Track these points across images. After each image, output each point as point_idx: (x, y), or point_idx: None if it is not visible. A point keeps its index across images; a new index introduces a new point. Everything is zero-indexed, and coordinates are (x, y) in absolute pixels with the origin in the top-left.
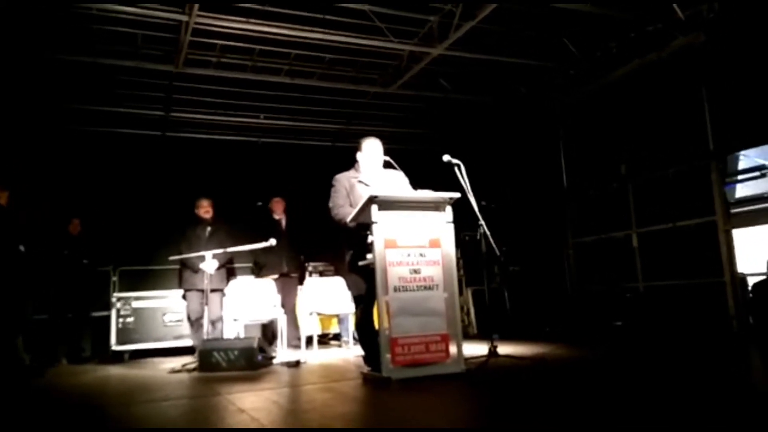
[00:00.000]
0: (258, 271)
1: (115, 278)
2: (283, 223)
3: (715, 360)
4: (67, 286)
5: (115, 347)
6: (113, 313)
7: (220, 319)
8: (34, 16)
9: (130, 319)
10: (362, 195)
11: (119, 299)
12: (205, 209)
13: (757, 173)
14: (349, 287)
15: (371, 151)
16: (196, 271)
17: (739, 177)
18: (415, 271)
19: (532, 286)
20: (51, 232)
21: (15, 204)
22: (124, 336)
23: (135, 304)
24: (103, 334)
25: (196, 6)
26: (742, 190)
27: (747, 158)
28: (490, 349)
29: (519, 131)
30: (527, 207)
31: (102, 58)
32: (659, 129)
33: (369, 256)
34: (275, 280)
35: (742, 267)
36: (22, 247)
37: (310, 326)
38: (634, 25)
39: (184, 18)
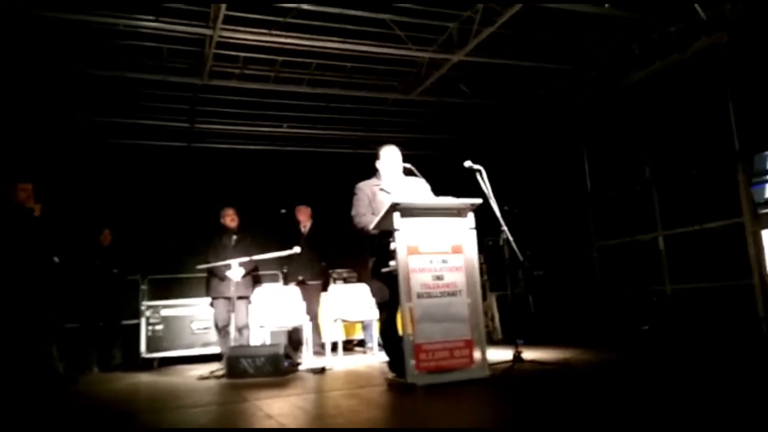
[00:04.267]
0: (285, 278)
1: (144, 287)
2: (308, 230)
3: (744, 364)
4: (98, 295)
5: (144, 355)
6: (143, 321)
7: (247, 326)
8: (64, 33)
9: (159, 327)
10: (384, 202)
11: (148, 307)
12: (230, 218)
13: None
14: (373, 294)
15: (389, 158)
16: (223, 279)
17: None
18: (438, 278)
19: (557, 291)
20: (83, 243)
21: (48, 215)
22: (153, 344)
23: (164, 312)
24: (133, 342)
25: (220, 20)
26: None
27: None
28: (514, 355)
29: (541, 135)
30: (550, 211)
31: (129, 72)
32: (683, 130)
33: (392, 263)
34: (299, 287)
35: None
36: (56, 258)
37: (334, 333)
38: (655, 26)
39: (208, 32)
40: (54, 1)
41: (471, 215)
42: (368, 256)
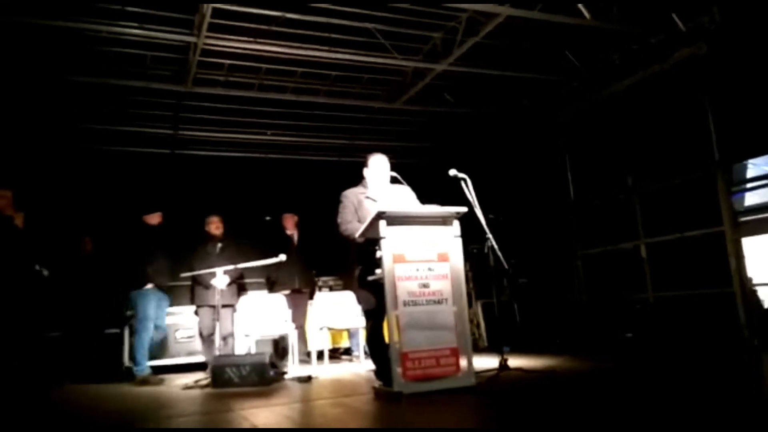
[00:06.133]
0: (270, 286)
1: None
2: (295, 238)
3: (727, 371)
4: (80, 305)
5: (128, 364)
6: (125, 330)
7: (232, 334)
8: (47, 39)
9: None
10: (370, 210)
11: (131, 316)
12: (215, 225)
13: (765, 181)
14: (359, 302)
15: (378, 167)
16: (208, 287)
17: (748, 185)
18: (424, 286)
19: (542, 299)
20: (63, 252)
21: (31, 224)
22: None
23: None
24: (116, 351)
25: (205, 27)
26: (751, 198)
27: (755, 166)
28: (500, 362)
29: (524, 144)
30: (534, 219)
31: (112, 79)
32: (664, 139)
33: (378, 270)
34: (287, 295)
35: (756, 276)
36: (46, 272)
37: (320, 341)
38: (636, 37)
39: (193, 39)
40: (36, 8)
41: (456, 223)
42: (354, 264)
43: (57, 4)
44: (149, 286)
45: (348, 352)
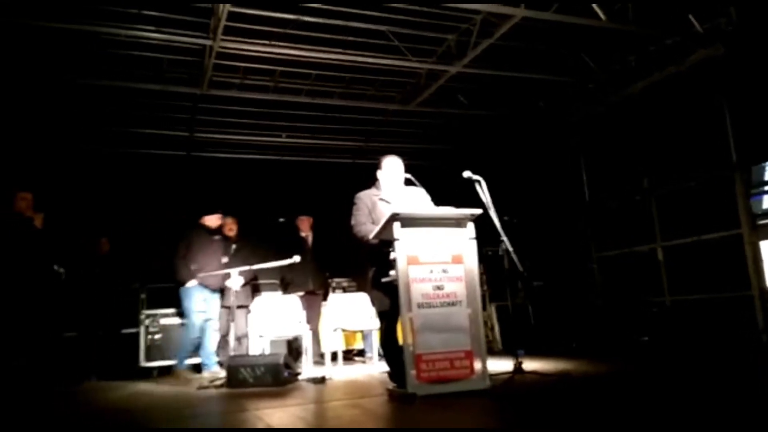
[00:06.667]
0: (284, 287)
1: (143, 296)
2: (309, 240)
3: (744, 375)
4: (96, 304)
5: (143, 363)
6: (141, 330)
7: (246, 335)
8: (66, 43)
9: (158, 336)
10: (384, 212)
11: (147, 316)
12: (228, 227)
13: None
14: (373, 303)
15: (392, 168)
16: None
17: (766, 188)
18: (438, 288)
19: (557, 301)
20: (81, 252)
21: (49, 225)
22: (152, 352)
23: (163, 321)
24: (132, 350)
25: (220, 30)
26: None
27: None
28: (515, 365)
29: (539, 146)
30: (549, 221)
31: (129, 82)
32: (681, 141)
33: (392, 272)
34: (301, 297)
35: None
36: (62, 270)
37: (334, 342)
38: (652, 38)
39: (209, 42)
40: (56, 12)
41: (471, 225)
42: (368, 265)
43: (76, 8)
44: (193, 283)
45: (361, 353)
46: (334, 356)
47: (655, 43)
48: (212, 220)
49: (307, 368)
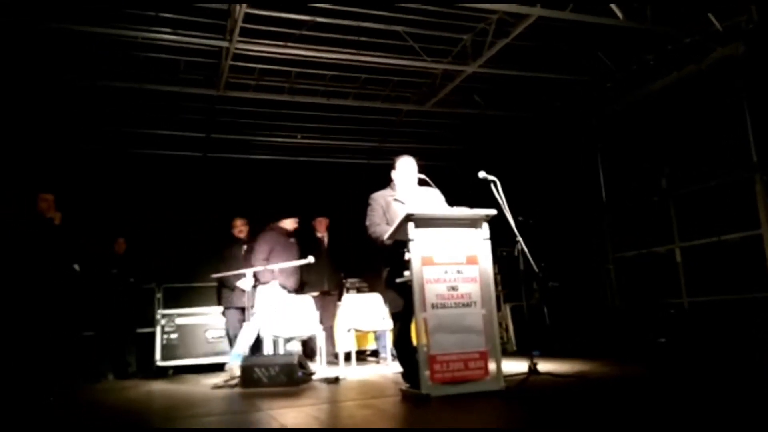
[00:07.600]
0: (299, 288)
1: (159, 295)
2: (326, 241)
3: (763, 379)
4: (113, 304)
5: (159, 363)
6: (157, 329)
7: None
8: (84, 45)
9: (173, 336)
10: (398, 213)
11: (163, 316)
12: (238, 229)
13: None
14: (387, 304)
15: (406, 169)
16: (233, 288)
17: None
18: (453, 288)
19: (573, 302)
20: (98, 252)
21: (67, 224)
22: (168, 352)
23: (178, 320)
24: (148, 350)
25: (237, 32)
26: None
27: None
28: (530, 367)
29: (555, 146)
30: (565, 222)
31: (146, 84)
32: (700, 141)
33: (406, 273)
34: (315, 297)
35: None
36: (77, 266)
37: (347, 342)
38: (671, 37)
39: (225, 44)
40: (75, 15)
41: (485, 226)
42: (382, 266)
43: (95, 11)
44: (274, 284)
45: (375, 354)
46: (347, 356)
47: (673, 42)
48: (290, 223)
49: (320, 368)
